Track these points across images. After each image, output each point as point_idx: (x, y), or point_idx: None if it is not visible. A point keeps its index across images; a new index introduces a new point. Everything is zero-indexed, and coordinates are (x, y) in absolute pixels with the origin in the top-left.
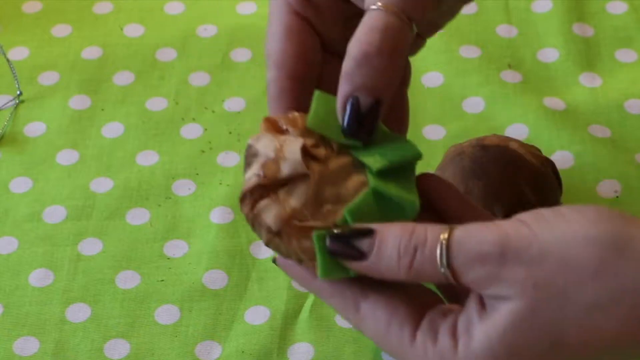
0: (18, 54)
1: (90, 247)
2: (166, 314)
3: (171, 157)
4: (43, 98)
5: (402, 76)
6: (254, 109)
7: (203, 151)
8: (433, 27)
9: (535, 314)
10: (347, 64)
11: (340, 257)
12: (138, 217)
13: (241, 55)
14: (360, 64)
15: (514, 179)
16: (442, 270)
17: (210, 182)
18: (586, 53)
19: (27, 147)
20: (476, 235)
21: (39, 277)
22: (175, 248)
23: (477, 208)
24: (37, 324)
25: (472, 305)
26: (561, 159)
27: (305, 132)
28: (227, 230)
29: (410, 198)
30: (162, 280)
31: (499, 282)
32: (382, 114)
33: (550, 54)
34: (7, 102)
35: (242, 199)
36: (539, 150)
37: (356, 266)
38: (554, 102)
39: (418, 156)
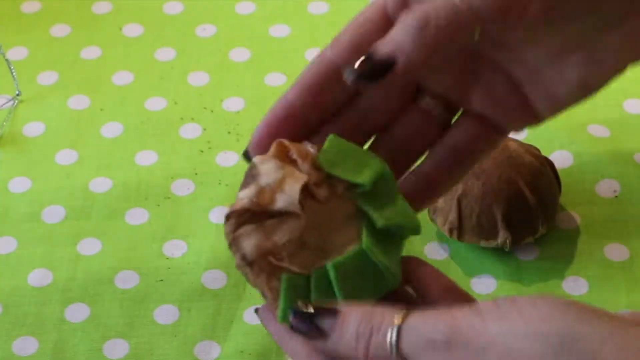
0: (17, 53)
1: (90, 247)
2: (165, 314)
3: (170, 157)
4: (42, 98)
5: (485, 146)
6: (253, 109)
7: (202, 151)
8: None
9: None
10: (405, 17)
11: (300, 334)
12: (137, 217)
13: (240, 55)
14: (399, 22)
15: (513, 178)
16: (393, 355)
17: (210, 182)
18: None
19: (26, 147)
20: (428, 323)
21: (38, 277)
22: (175, 248)
23: (458, 292)
24: (36, 323)
25: None
26: (560, 158)
27: (314, 167)
28: None
29: (395, 271)
30: (161, 280)
31: None
32: (387, 77)
33: None
34: (6, 102)
35: (228, 217)
36: (538, 150)
37: (315, 344)
38: None
39: (416, 231)
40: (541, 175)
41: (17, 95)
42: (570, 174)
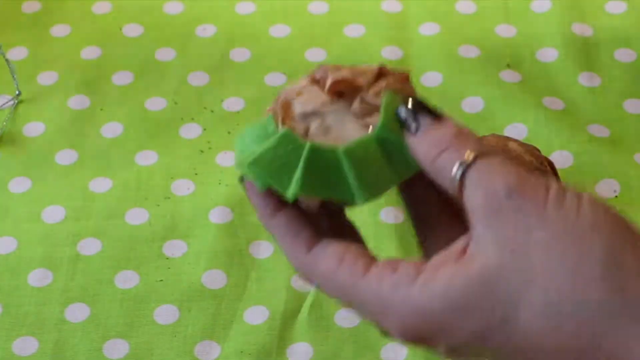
0: (17, 53)
1: (89, 247)
2: (165, 314)
3: (170, 157)
4: (42, 98)
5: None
6: (252, 109)
7: (202, 151)
8: None
9: (499, 276)
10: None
11: (402, 121)
12: (137, 217)
13: (240, 55)
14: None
15: None
16: (457, 173)
17: (209, 182)
18: (585, 53)
19: (26, 147)
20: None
21: (38, 277)
22: (174, 248)
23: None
24: (36, 323)
25: (453, 247)
26: (560, 158)
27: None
28: (226, 230)
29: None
30: (161, 280)
31: (491, 220)
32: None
33: (549, 54)
34: (6, 102)
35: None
36: (538, 150)
37: (406, 136)
38: (553, 102)
39: None
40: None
41: (17, 95)
42: (570, 174)
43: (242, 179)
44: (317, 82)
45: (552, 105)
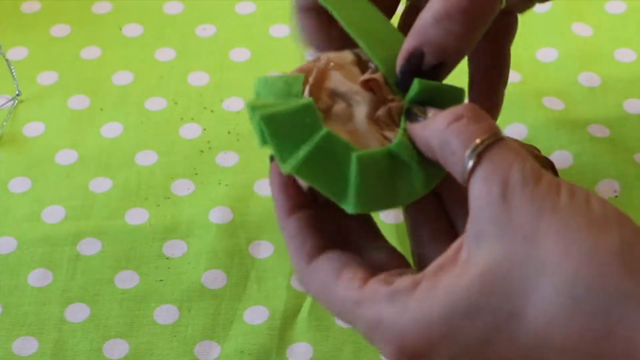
0: (17, 53)
1: (89, 247)
2: (165, 314)
3: (170, 157)
4: (42, 98)
5: (506, 31)
6: None
7: (202, 151)
8: (524, 3)
9: (509, 267)
10: (424, 16)
11: (411, 116)
12: (137, 217)
13: (240, 55)
14: (438, 20)
15: None
16: (469, 157)
17: (210, 182)
18: (585, 53)
19: (26, 147)
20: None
21: (38, 277)
22: (174, 248)
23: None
24: (36, 324)
25: (449, 251)
26: (560, 158)
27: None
28: (226, 230)
29: (425, 180)
30: (161, 280)
31: (497, 205)
32: (442, 77)
33: (549, 54)
34: (6, 102)
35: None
36: (538, 150)
37: (409, 127)
38: (553, 102)
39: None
40: None
41: (17, 95)
42: (570, 174)
43: (272, 159)
44: (360, 63)
45: (552, 105)
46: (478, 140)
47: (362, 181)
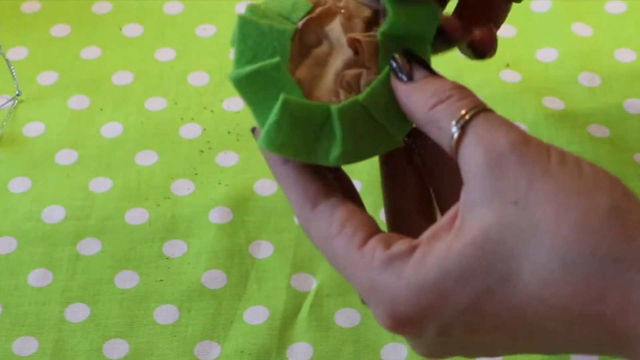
0: (17, 53)
1: (89, 247)
2: (165, 314)
3: (170, 157)
4: (42, 98)
5: None
6: None
7: (202, 151)
8: None
9: (501, 232)
10: None
11: (395, 69)
12: (137, 217)
13: None
14: None
15: None
16: (454, 128)
17: (209, 182)
18: (585, 52)
19: (26, 147)
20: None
21: (38, 277)
22: (174, 248)
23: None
24: (36, 324)
25: (444, 218)
26: None
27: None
28: (226, 230)
29: (398, 130)
30: (161, 280)
31: (487, 172)
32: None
33: (549, 54)
34: (6, 102)
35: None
36: None
37: (395, 85)
38: (553, 102)
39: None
40: None
41: (17, 95)
42: None
43: (253, 130)
44: (372, 22)
45: (552, 105)
46: (463, 111)
47: (344, 134)
